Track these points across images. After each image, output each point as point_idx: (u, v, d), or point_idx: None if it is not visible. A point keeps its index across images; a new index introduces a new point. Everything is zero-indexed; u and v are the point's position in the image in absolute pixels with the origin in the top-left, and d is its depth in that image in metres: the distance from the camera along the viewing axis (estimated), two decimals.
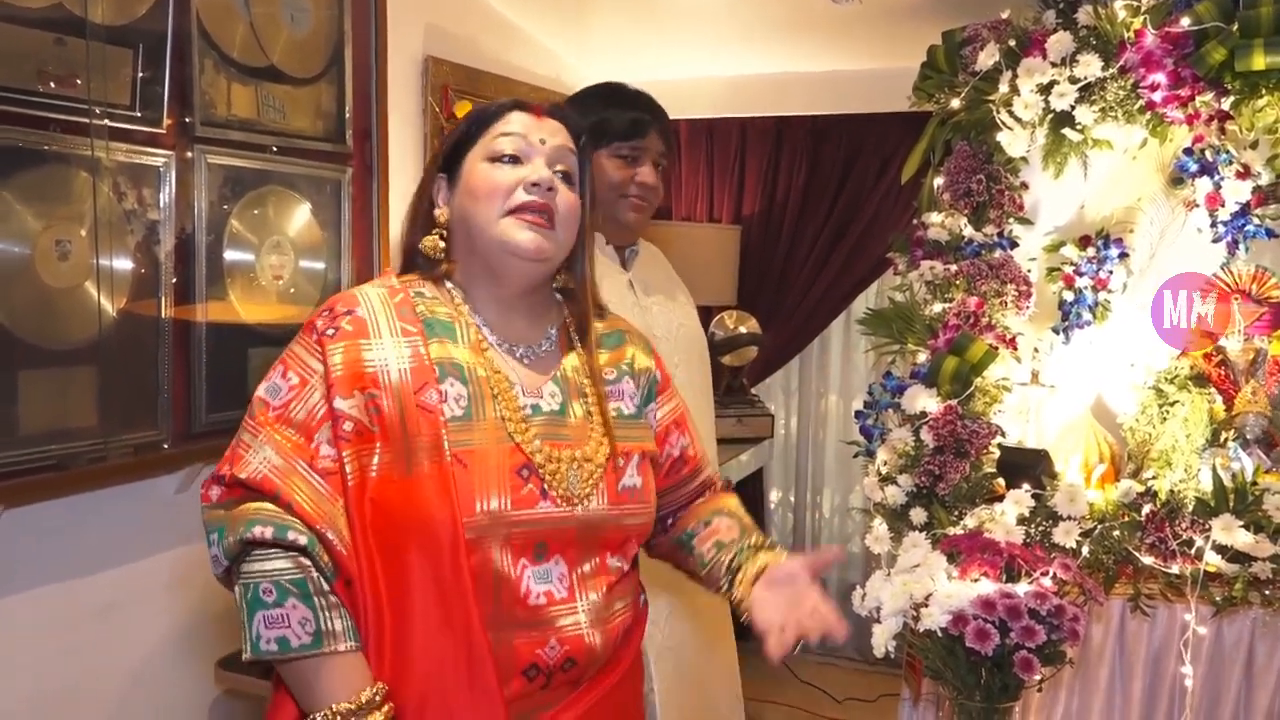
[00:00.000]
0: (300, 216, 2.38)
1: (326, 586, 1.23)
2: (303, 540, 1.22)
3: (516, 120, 1.37)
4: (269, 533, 1.21)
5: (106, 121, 1.94)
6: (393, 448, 1.25)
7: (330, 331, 1.30)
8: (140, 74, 2.00)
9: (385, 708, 1.22)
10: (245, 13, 2.22)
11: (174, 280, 2.09)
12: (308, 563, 1.23)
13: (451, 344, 1.34)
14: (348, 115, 2.49)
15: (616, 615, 1.38)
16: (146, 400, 2.05)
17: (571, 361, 1.42)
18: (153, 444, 2.07)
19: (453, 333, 1.35)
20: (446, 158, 1.39)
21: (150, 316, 2.05)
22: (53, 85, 1.85)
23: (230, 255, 2.21)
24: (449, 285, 1.39)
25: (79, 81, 1.89)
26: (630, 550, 1.41)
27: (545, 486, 1.29)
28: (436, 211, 1.39)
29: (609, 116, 2.04)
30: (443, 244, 1.38)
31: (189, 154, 2.11)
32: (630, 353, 1.50)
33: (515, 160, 1.35)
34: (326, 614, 1.22)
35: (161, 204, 2.06)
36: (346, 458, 1.25)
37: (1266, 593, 1.93)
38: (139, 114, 2.01)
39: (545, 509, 1.29)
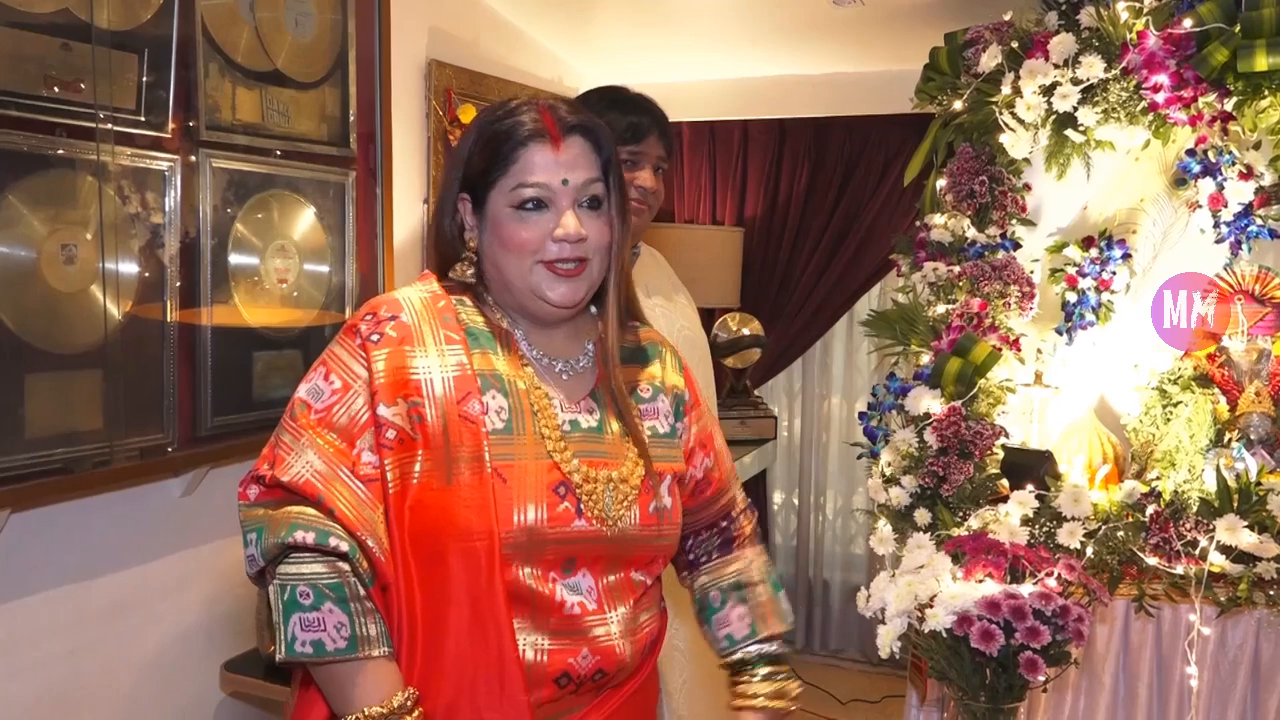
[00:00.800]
0: (304, 220, 2.39)
1: (363, 592, 1.24)
2: (344, 547, 1.21)
3: (537, 162, 1.30)
4: (311, 538, 1.21)
5: (112, 126, 1.94)
6: (434, 456, 1.26)
7: (375, 337, 1.29)
8: (145, 78, 2.01)
9: (416, 713, 1.22)
10: (250, 17, 2.22)
11: (179, 284, 2.10)
12: (346, 568, 1.23)
13: (493, 355, 1.34)
14: (351, 119, 2.49)
15: (644, 626, 1.39)
16: (152, 404, 2.06)
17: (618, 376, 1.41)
18: (158, 447, 2.07)
19: (493, 344, 1.35)
20: (469, 180, 1.36)
21: (155, 320, 2.06)
22: (58, 90, 1.85)
23: (235, 259, 2.22)
24: (489, 299, 1.39)
25: (84, 86, 1.89)
26: (656, 568, 1.41)
27: (581, 505, 1.30)
28: (467, 235, 1.37)
29: (609, 120, 2.04)
30: (471, 269, 1.37)
31: (193, 158, 2.11)
32: (661, 370, 1.49)
33: (541, 204, 1.31)
34: (362, 620, 1.22)
35: (166, 208, 2.06)
36: (388, 465, 1.25)
37: (1271, 593, 1.93)
38: (144, 118, 2.01)
39: (580, 527, 1.29)
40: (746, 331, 3.70)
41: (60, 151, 1.87)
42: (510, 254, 1.32)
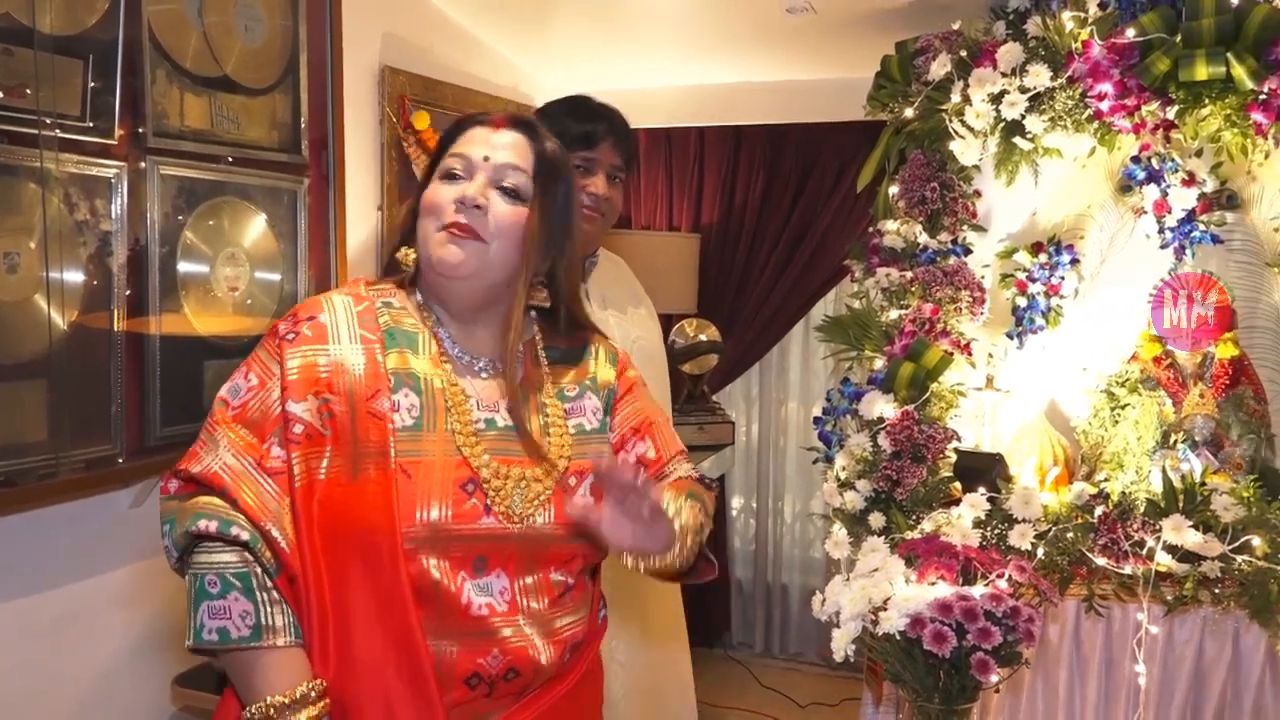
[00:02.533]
0: (256, 227, 2.36)
1: (269, 582, 1.26)
2: (245, 536, 1.25)
3: (470, 136, 1.39)
4: (213, 526, 1.25)
5: (57, 132, 1.91)
6: (342, 452, 1.28)
7: (290, 336, 1.33)
8: (91, 84, 1.98)
9: (320, 704, 1.24)
10: (198, 23, 2.20)
11: (127, 293, 2.06)
12: (251, 558, 1.26)
13: (411, 354, 1.36)
14: (303, 125, 2.47)
15: (566, 629, 1.38)
16: (99, 414, 2.02)
17: (535, 375, 1.44)
18: (106, 459, 2.04)
19: (414, 343, 1.37)
20: (427, 179, 1.41)
21: (102, 329, 2.02)
22: (1, 95, 1.82)
23: (184, 267, 2.19)
24: (417, 295, 1.41)
25: (28, 92, 1.86)
26: (575, 565, 1.39)
27: (489, 502, 1.30)
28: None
29: (566, 126, 2.05)
30: (414, 255, 1.40)
31: (141, 165, 2.08)
32: (594, 366, 1.50)
33: (457, 176, 1.36)
34: (268, 609, 1.25)
35: (114, 215, 2.03)
36: (295, 459, 1.28)
37: (1216, 591, 1.97)
38: (90, 124, 1.98)
39: (487, 524, 1.30)
40: (703, 337, 3.71)
41: (2, 159, 1.83)
42: (423, 220, 1.37)
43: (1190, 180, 2.23)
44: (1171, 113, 2.20)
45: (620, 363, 1.55)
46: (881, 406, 2.28)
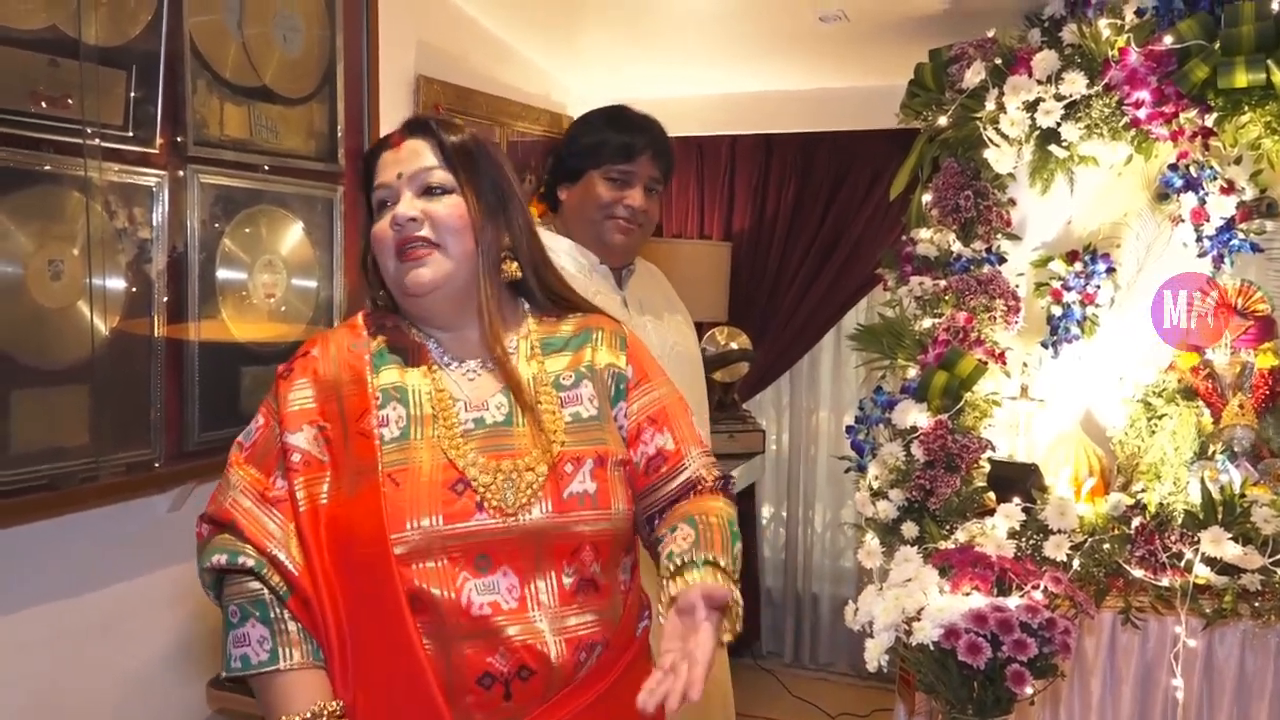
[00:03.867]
0: (293, 235, 2.39)
1: (281, 608, 1.31)
2: (250, 563, 1.31)
3: (380, 165, 1.43)
4: (223, 559, 1.32)
5: (99, 142, 1.94)
6: (341, 474, 1.33)
7: (286, 374, 1.41)
8: (133, 94, 2.01)
9: None
10: (238, 34, 2.23)
11: (166, 299, 2.09)
12: (263, 585, 1.32)
13: (401, 368, 1.41)
14: (340, 134, 2.50)
15: (580, 628, 1.34)
16: (139, 419, 2.05)
17: (530, 369, 1.44)
18: (145, 463, 2.06)
19: (403, 360, 1.42)
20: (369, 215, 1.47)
21: (143, 335, 2.05)
22: (45, 106, 1.85)
23: (222, 274, 2.21)
24: (404, 319, 1.46)
25: (71, 102, 1.89)
26: (586, 558, 1.35)
27: (481, 499, 1.31)
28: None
29: (606, 139, 2.06)
30: (384, 291, 1.46)
31: (181, 173, 2.11)
32: (592, 353, 1.48)
33: (387, 206, 1.40)
34: (284, 634, 1.31)
35: (154, 223, 2.06)
36: (297, 485, 1.34)
37: (1256, 605, 1.94)
38: (132, 134, 2.01)
39: (481, 521, 1.30)
40: (734, 345, 3.71)
41: (47, 167, 1.86)
42: (378, 256, 1.41)
43: (1229, 188, 2.20)
44: (1210, 120, 2.18)
45: (630, 345, 1.52)
46: (915, 415, 2.27)
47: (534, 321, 1.49)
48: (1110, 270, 2.42)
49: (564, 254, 2.07)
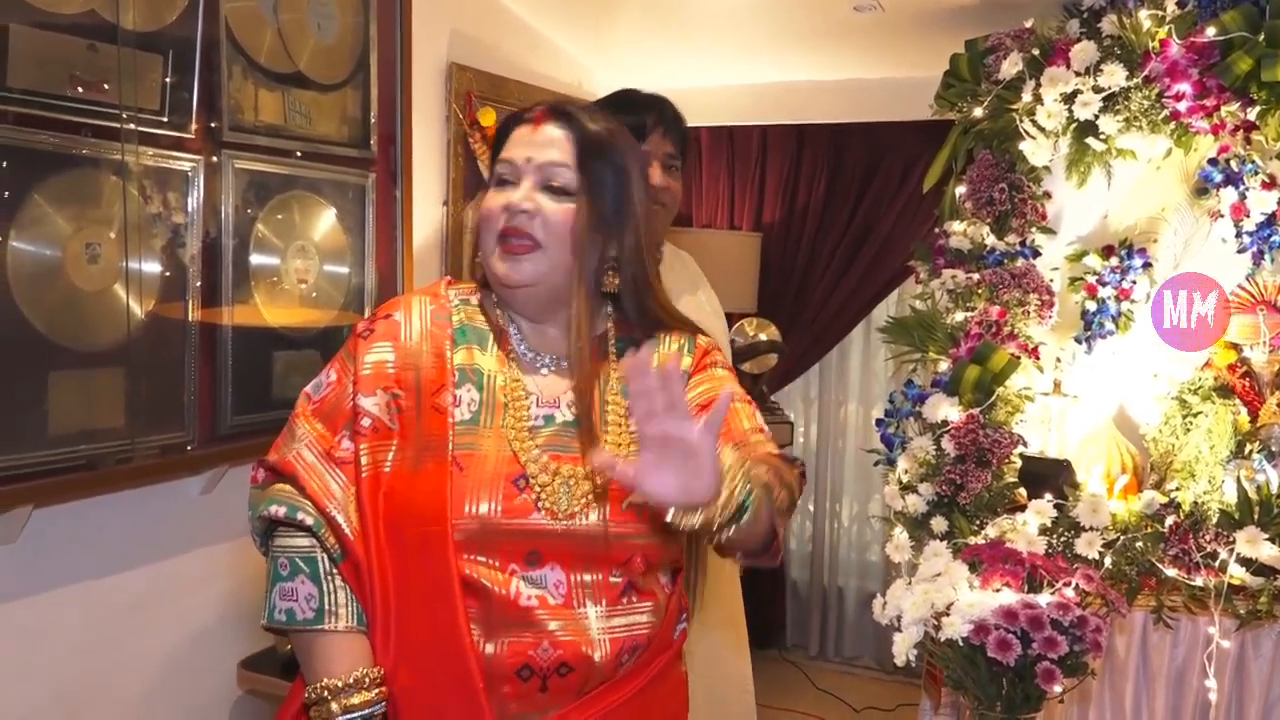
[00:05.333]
0: (325, 221, 2.40)
1: (334, 569, 1.31)
2: (309, 521, 1.30)
3: (514, 138, 1.39)
4: (281, 511, 1.31)
5: (135, 126, 1.96)
6: (407, 445, 1.32)
7: (366, 333, 1.39)
8: (169, 79, 2.02)
9: (375, 690, 1.27)
10: (273, 20, 2.24)
11: (200, 283, 2.11)
12: (317, 544, 1.31)
13: (480, 351, 1.39)
14: (372, 121, 2.50)
15: (625, 630, 1.34)
16: (173, 402, 2.07)
17: (603, 373, 1.41)
18: (179, 445, 2.08)
19: (484, 340, 1.40)
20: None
21: (177, 319, 2.07)
22: (83, 90, 1.87)
23: (255, 259, 2.23)
24: (494, 296, 1.44)
25: (108, 87, 1.91)
26: (636, 567, 1.35)
27: (538, 498, 1.30)
28: None
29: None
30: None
31: (216, 159, 2.13)
32: (658, 361, 1.43)
33: (507, 181, 1.37)
34: (332, 595, 1.30)
35: (189, 208, 2.08)
36: (362, 450, 1.32)
37: None
38: (167, 119, 2.03)
39: (536, 520, 1.30)
40: (763, 337, 3.69)
41: (85, 151, 1.88)
42: (481, 230, 1.39)
43: (1271, 183, 2.17)
44: (1253, 113, 2.15)
45: (699, 351, 1.48)
46: (946, 409, 2.25)
47: (612, 323, 1.45)
48: (1146, 265, 2.39)
49: None
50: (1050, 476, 2.19)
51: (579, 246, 1.35)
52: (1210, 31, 2.14)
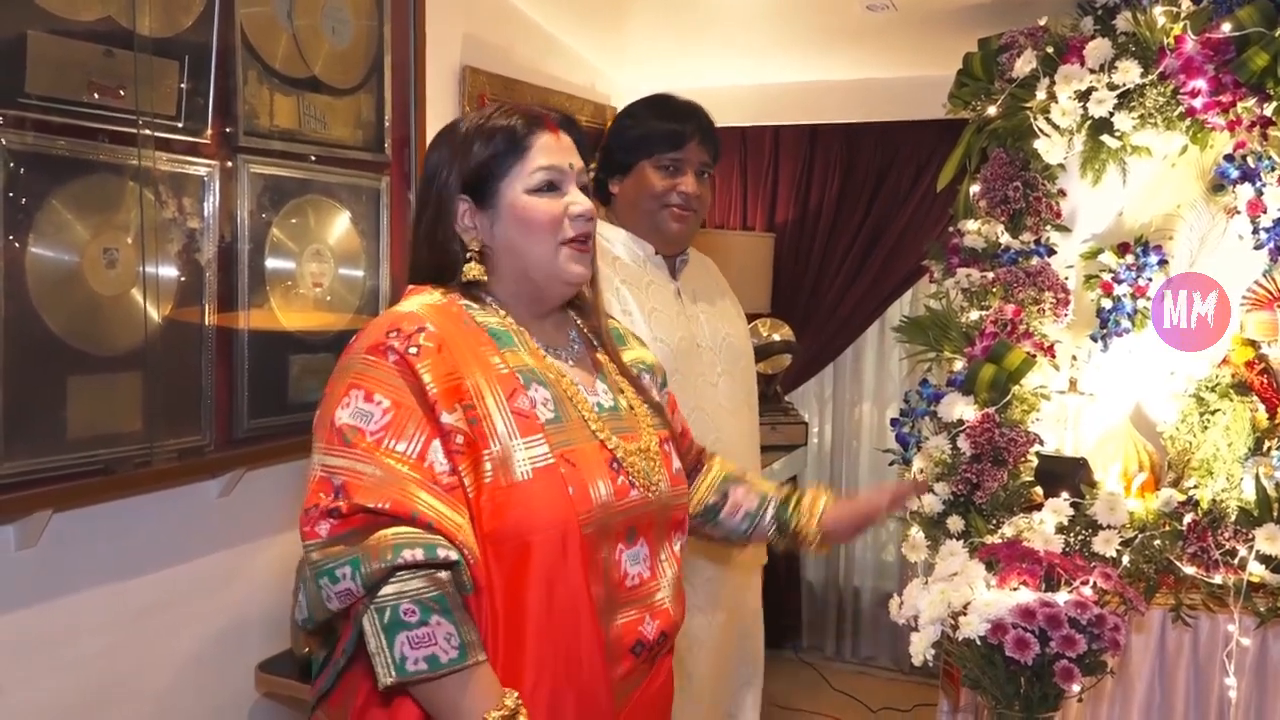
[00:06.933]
0: (340, 225, 2.41)
1: (460, 600, 1.24)
2: (454, 556, 1.21)
3: (544, 148, 1.40)
4: (419, 554, 1.19)
5: (151, 132, 1.97)
6: (497, 455, 1.29)
7: (413, 350, 1.29)
8: (185, 85, 2.04)
9: (524, 713, 1.23)
10: (288, 25, 2.25)
11: (216, 288, 2.12)
12: (444, 578, 1.22)
13: (520, 351, 1.39)
14: (387, 124, 2.51)
15: (682, 586, 1.49)
16: (190, 406, 2.08)
17: (603, 359, 1.52)
18: (196, 449, 2.10)
19: (513, 341, 1.40)
20: (470, 182, 1.40)
21: (194, 323, 2.08)
22: (99, 96, 1.88)
23: (271, 263, 2.24)
24: (490, 300, 1.42)
25: (124, 92, 1.92)
26: (685, 527, 1.52)
27: (631, 477, 1.39)
28: (468, 237, 1.41)
29: (653, 128, 2.06)
30: (482, 267, 1.41)
31: (231, 163, 2.14)
32: (638, 350, 1.63)
33: (554, 186, 1.41)
34: (467, 627, 1.23)
35: (205, 213, 2.09)
36: (463, 470, 1.27)
37: None
38: (183, 124, 2.04)
39: (636, 497, 1.39)
40: (777, 337, 3.69)
41: (102, 157, 1.90)
42: (534, 236, 1.39)
43: None
44: (1269, 109, 2.13)
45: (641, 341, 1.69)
46: (961, 408, 2.24)
47: (578, 319, 1.55)
48: (1162, 263, 2.38)
49: (620, 244, 2.09)
50: (1067, 475, 2.18)
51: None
52: (1226, 27, 2.13)
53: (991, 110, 2.46)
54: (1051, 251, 2.43)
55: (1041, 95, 2.35)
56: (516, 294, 1.43)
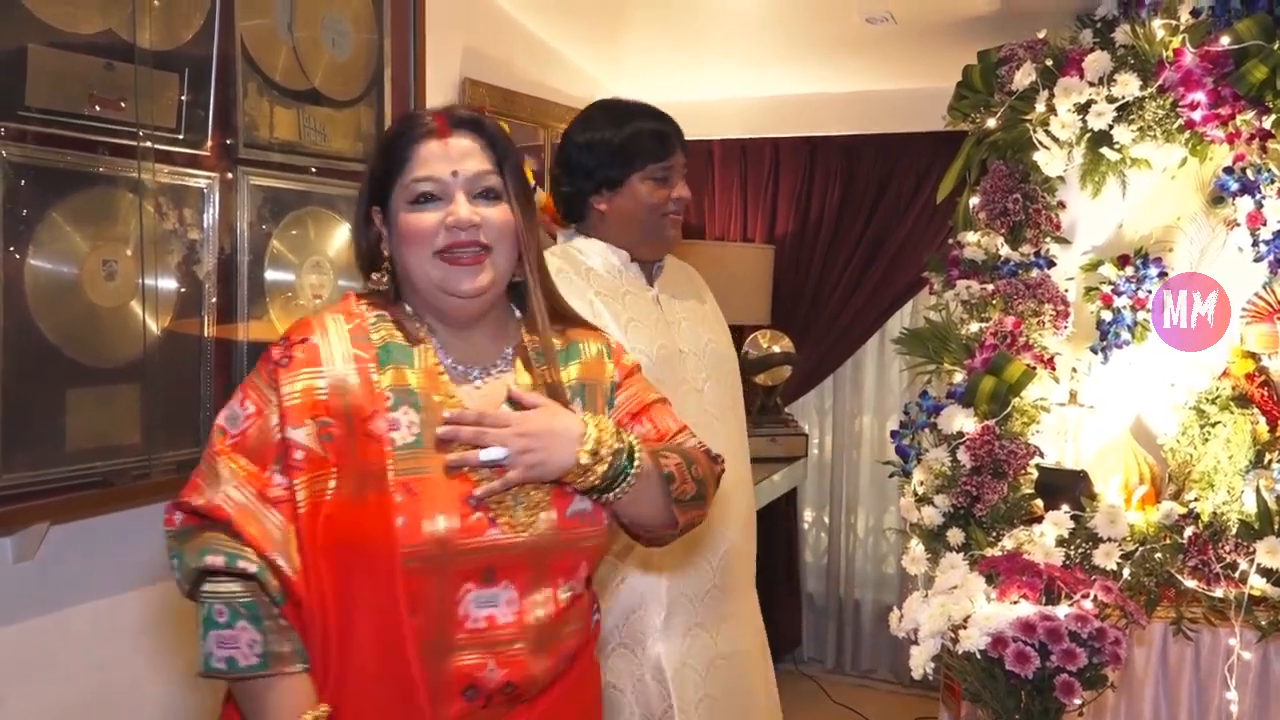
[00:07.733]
0: (339, 237, 2.41)
1: (276, 611, 1.27)
2: (252, 569, 1.25)
3: (426, 157, 1.36)
4: (220, 561, 1.25)
5: (151, 144, 1.98)
6: (345, 474, 1.29)
7: (284, 360, 1.33)
8: (185, 97, 2.04)
9: None
10: (288, 37, 2.26)
11: (215, 300, 2.12)
12: (259, 587, 1.27)
13: (408, 369, 1.35)
14: None
15: (566, 639, 1.39)
16: (189, 418, 2.08)
17: (526, 381, 1.42)
18: (195, 461, 2.07)
19: (409, 358, 1.36)
20: (376, 192, 1.40)
21: (193, 335, 2.08)
22: (100, 109, 1.89)
23: (271, 275, 2.24)
24: (408, 309, 1.41)
25: (124, 105, 1.92)
26: (581, 573, 1.40)
27: (493, 515, 1.31)
28: (383, 245, 1.40)
29: (633, 132, 1.98)
30: (387, 277, 1.41)
31: (231, 175, 2.14)
32: (581, 369, 1.48)
33: (433, 197, 1.35)
34: (275, 637, 1.27)
35: (204, 225, 2.09)
36: (298, 485, 1.28)
37: None
38: (183, 136, 2.04)
39: (494, 536, 1.30)
40: (777, 349, 3.69)
41: (102, 169, 1.90)
42: (410, 249, 1.35)
43: None
44: (1268, 122, 2.14)
45: (615, 352, 1.53)
46: (961, 421, 2.24)
47: (526, 333, 1.46)
48: (1162, 275, 2.38)
49: (595, 255, 2.04)
50: (1067, 487, 2.18)
51: (523, 245, 1.40)
52: (1224, 40, 2.14)
53: (991, 123, 2.47)
54: (1051, 263, 2.43)
55: (1041, 108, 2.35)
56: (423, 305, 1.40)
